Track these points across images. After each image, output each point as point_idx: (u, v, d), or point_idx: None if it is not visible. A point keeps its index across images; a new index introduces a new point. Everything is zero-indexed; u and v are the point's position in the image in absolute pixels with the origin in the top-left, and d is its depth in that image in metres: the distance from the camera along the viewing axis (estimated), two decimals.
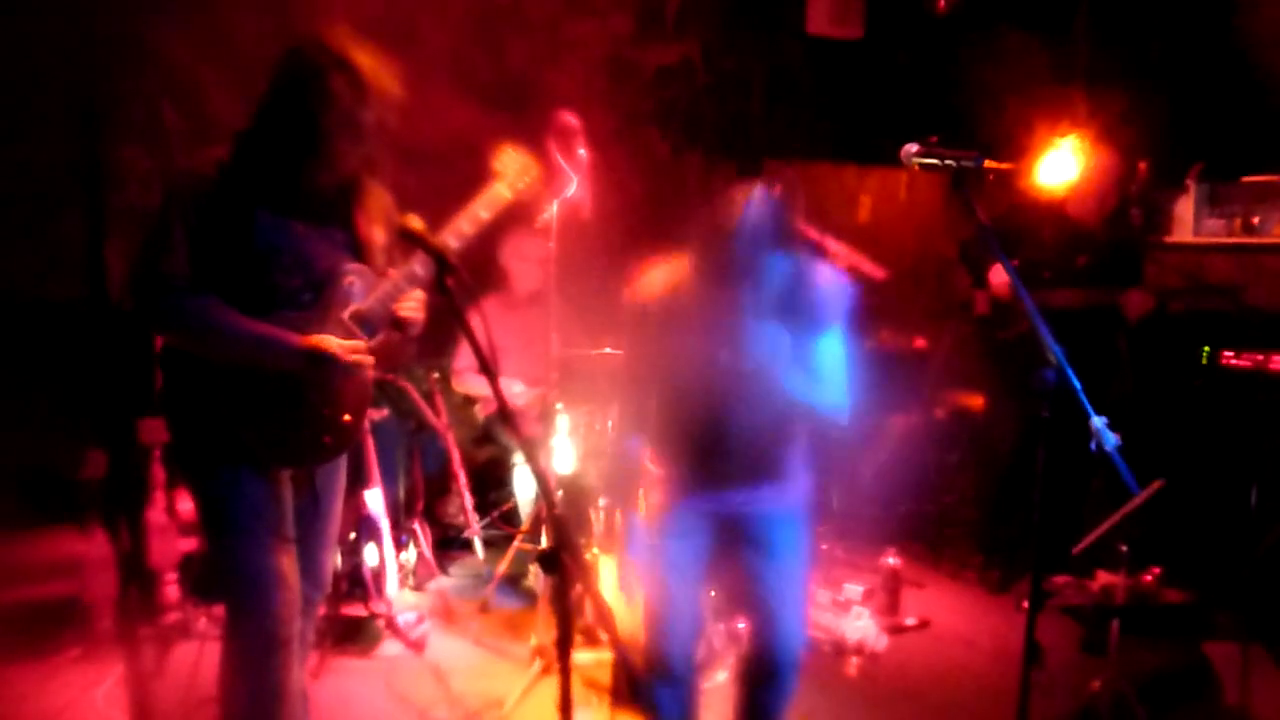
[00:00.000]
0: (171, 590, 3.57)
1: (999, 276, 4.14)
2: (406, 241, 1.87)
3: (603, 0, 5.18)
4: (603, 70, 5.01)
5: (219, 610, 2.84)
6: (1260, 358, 4.14)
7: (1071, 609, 3.87)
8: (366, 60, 2.17)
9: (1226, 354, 4.20)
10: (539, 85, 4.72)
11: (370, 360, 2.27)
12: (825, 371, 2.33)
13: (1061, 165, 4.22)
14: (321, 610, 2.73)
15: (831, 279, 2.37)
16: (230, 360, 2.17)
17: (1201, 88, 4.70)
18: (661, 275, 2.38)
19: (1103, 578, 3.83)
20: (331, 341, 2.19)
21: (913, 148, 2.16)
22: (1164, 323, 4.13)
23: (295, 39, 2.19)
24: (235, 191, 2.16)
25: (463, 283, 1.73)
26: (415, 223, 1.84)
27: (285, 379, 2.20)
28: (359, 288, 2.30)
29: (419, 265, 2.29)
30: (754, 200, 2.18)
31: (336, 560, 3.40)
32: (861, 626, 3.67)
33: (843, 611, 3.79)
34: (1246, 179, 4.79)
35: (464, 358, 4.36)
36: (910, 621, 3.88)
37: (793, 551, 2.43)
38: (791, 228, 2.24)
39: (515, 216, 2.74)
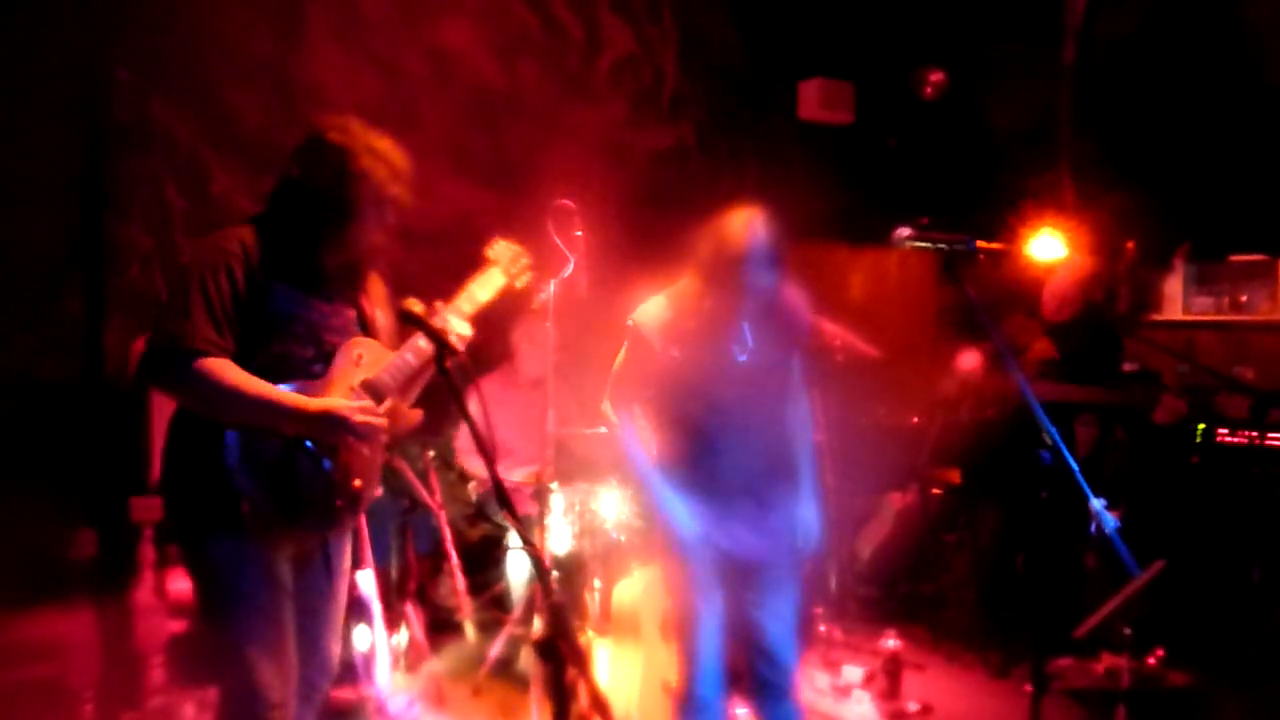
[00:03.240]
0: (157, 674, 3.48)
1: (967, 361, 4.15)
2: (408, 324, 1.89)
3: (599, 85, 5.31)
4: (598, 153, 5.11)
5: (208, 695, 2.78)
6: (1254, 434, 4.15)
7: (1075, 692, 3.80)
8: (383, 142, 2.30)
9: (1221, 431, 4.22)
10: (536, 168, 4.81)
11: (383, 423, 2.27)
12: (797, 385, 2.59)
13: (1047, 247, 4.29)
14: None
15: (796, 298, 2.59)
16: (242, 423, 2.17)
17: (1186, 169, 4.81)
18: (662, 305, 2.57)
19: (1106, 659, 3.77)
20: (343, 404, 2.21)
21: (905, 231, 2.21)
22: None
23: (314, 124, 2.31)
24: (255, 265, 2.21)
25: (462, 366, 1.75)
26: (416, 306, 1.87)
27: (296, 444, 2.20)
28: (368, 360, 2.34)
29: (423, 340, 2.31)
30: (755, 224, 2.40)
31: None
32: (862, 712, 3.60)
33: (843, 696, 3.72)
34: (1234, 258, 4.87)
35: (467, 436, 4.35)
36: (913, 707, 3.80)
37: (787, 591, 2.64)
38: (784, 249, 2.45)
39: (523, 302, 2.79)
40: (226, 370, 2.15)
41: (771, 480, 2.58)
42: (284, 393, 2.18)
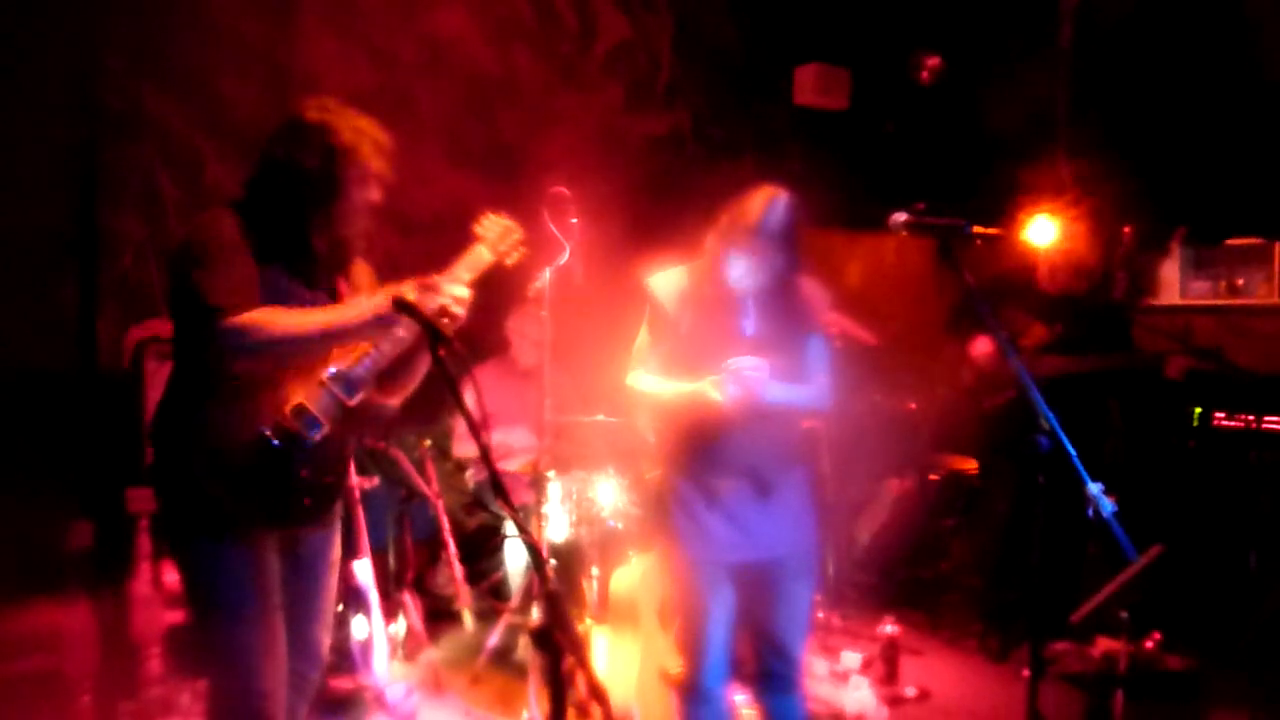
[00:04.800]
0: (154, 664, 3.48)
1: (980, 349, 4.15)
2: (400, 312, 1.86)
3: (594, 72, 5.29)
4: (594, 140, 5.09)
5: (203, 685, 2.77)
6: (1251, 418, 4.15)
7: (1073, 677, 3.81)
8: (364, 118, 2.27)
9: (1218, 415, 4.22)
10: (531, 155, 4.79)
11: (466, 293, 2.20)
12: (813, 366, 2.57)
13: (1044, 232, 4.28)
14: None
15: (812, 283, 2.59)
16: (317, 353, 2.14)
17: (1183, 153, 4.79)
18: (679, 273, 2.58)
19: (1103, 644, 3.78)
20: (408, 289, 2.10)
21: (901, 216, 2.20)
22: (1156, 386, 4.13)
23: (292, 106, 2.28)
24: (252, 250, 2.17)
25: (455, 353, 1.73)
26: (409, 293, 1.84)
27: (261, 445, 2.12)
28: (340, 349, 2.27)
29: (403, 329, 2.26)
30: (776, 202, 2.42)
31: None
32: (860, 697, 3.60)
33: (841, 682, 3.72)
34: (1230, 242, 4.87)
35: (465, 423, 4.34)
36: (910, 692, 3.81)
37: (801, 583, 2.62)
38: (801, 231, 2.47)
39: (517, 293, 2.76)
40: (274, 312, 2.11)
41: (777, 464, 2.56)
42: (333, 306, 2.20)
